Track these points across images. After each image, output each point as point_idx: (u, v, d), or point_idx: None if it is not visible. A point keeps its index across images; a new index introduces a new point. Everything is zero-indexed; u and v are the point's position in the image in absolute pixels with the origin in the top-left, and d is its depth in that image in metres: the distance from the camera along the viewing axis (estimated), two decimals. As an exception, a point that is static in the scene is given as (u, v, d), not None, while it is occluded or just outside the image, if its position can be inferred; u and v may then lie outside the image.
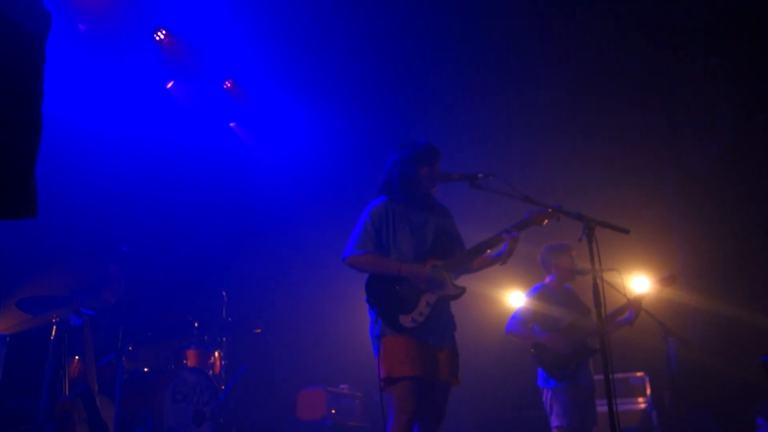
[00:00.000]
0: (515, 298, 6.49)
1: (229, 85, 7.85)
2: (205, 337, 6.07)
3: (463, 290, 3.78)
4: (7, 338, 4.55)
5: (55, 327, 5.00)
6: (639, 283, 5.64)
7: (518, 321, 5.06)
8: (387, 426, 3.59)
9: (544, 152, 7.22)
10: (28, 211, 1.48)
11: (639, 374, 6.68)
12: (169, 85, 7.46)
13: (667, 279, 5.06)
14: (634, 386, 6.61)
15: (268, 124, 8.28)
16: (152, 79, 7.18)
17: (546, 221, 3.83)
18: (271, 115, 8.21)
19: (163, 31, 6.97)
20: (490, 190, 3.72)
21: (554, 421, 4.92)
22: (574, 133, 7.21)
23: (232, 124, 8.29)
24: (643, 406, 6.52)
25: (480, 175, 3.72)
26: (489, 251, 3.89)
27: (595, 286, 3.42)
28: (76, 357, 5.15)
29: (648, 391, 6.56)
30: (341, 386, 6.72)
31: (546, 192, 3.89)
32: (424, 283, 3.68)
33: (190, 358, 5.81)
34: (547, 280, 5.26)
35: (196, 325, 6.04)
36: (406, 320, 3.60)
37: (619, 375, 6.65)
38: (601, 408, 6.00)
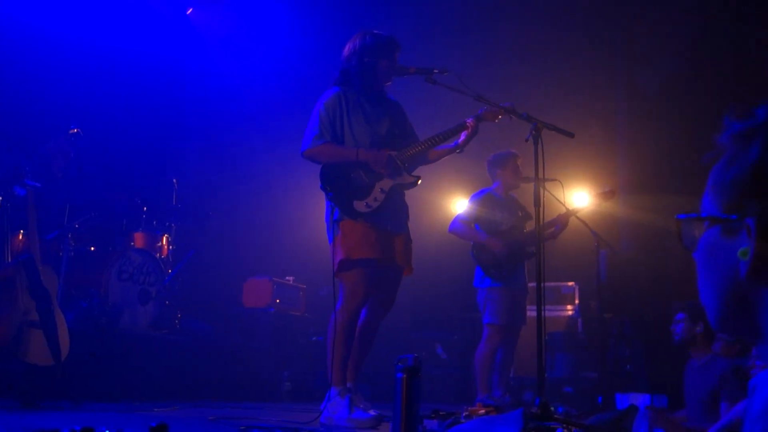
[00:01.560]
0: (460, 205, 6.68)
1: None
2: (154, 222, 6.11)
3: (417, 179, 3.88)
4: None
5: None
6: (579, 197, 5.88)
7: (461, 220, 5.25)
8: (334, 309, 3.68)
9: (499, 57, 7.26)
10: None
11: (570, 284, 7.04)
12: (189, 11, 7.32)
13: (607, 193, 5.27)
14: (564, 295, 6.97)
15: (230, 15, 8.05)
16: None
17: (498, 118, 3.91)
18: (233, 5, 7.97)
19: None
20: (444, 85, 3.79)
21: (486, 318, 5.21)
22: (531, 43, 7.24)
23: (189, 11, 8.04)
24: (570, 313, 6.91)
25: (436, 71, 3.77)
26: (444, 143, 3.96)
27: (536, 191, 3.57)
28: (21, 230, 5.15)
29: (576, 301, 6.94)
30: (287, 278, 6.89)
31: (496, 95, 3.96)
32: (381, 166, 3.74)
33: (138, 240, 5.86)
34: (493, 186, 5.43)
35: (144, 209, 6.06)
36: (360, 205, 3.67)
37: (551, 284, 7.00)
38: (531, 312, 6.38)
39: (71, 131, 5.62)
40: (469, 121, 3.85)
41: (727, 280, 0.86)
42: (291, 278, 6.93)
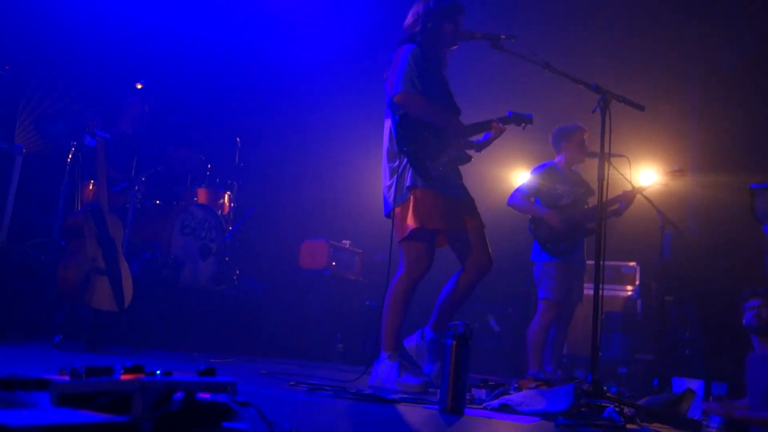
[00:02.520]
0: (521, 178, 6.58)
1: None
2: (217, 180, 6.23)
3: (470, 158, 3.81)
4: (24, 150, 4.68)
5: (72, 149, 5.14)
6: (646, 175, 5.70)
7: (521, 194, 5.16)
8: (396, 275, 3.62)
9: (570, 27, 7.04)
10: None
11: (631, 264, 6.87)
12: None
13: (676, 172, 5.09)
14: (625, 274, 6.82)
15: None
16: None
17: (524, 126, 3.86)
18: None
19: None
20: (510, 52, 3.67)
21: (541, 293, 5.13)
22: (604, 14, 6.99)
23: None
24: (630, 293, 6.76)
25: (503, 36, 3.67)
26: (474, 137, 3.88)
27: (601, 166, 3.45)
28: (91, 180, 5.33)
29: (637, 281, 6.78)
30: (343, 242, 6.95)
31: (564, 66, 3.83)
32: (461, 136, 3.70)
33: (201, 196, 5.99)
34: (556, 159, 5.31)
35: (208, 166, 6.19)
36: (432, 168, 3.59)
37: (612, 262, 6.85)
38: (588, 290, 6.26)
39: (137, 86, 5.77)
40: (495, 123, 3.78)
41: None
42: (347, 242, 6.99)
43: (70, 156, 5.19)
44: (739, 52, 6.71)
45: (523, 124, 3.90)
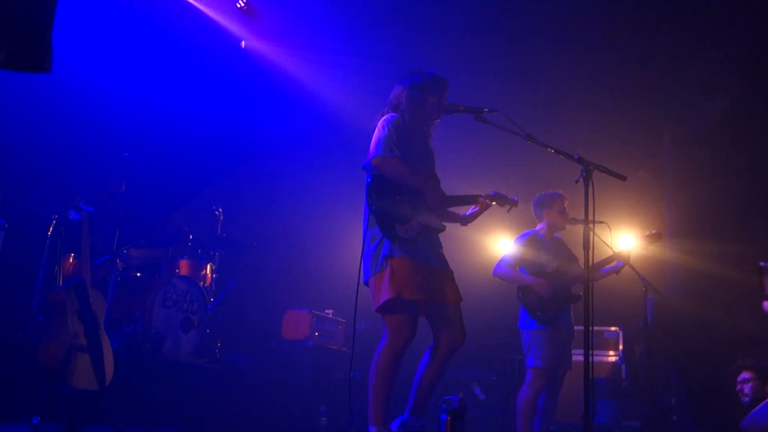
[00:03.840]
0: (503, 245, 6.63)
1: (242, 4, 7.78)
2: (199, 251, 6.20)
3: (444, 228, 3.82)
4: (6, 225, 4.63)
5: (54, 221, 5.10)
6: (625, 240, 5.78)
7: (506, 263, 5.19)
8: (378, 347, 3.58)
9: (550, 99, 7.24)
10: (43, 66, 1.53)
11: (613, 329, 6.90)
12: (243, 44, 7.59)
13: (653, 236, 5.17)
14: (608, 339, 6.83)
15: (283, 48, 8.22)
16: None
17: (509, 208, 3.97)
18: (286, 39, 8.13)
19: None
20: (493, 124, 3.76)
21: (530, 361, 5.10)
22: (580, 86, 7.21)
23: (243, 44, 8.24)
24: (614, 359, 6.75)
25: (485, 110, 3.76)
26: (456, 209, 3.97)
27: (585, 233, 3.51)
28: (72, 254, 5.27)
29: (620, 346, 6.79)
30: (326, 311, 6.89)
31: (546, 137, 3.93)
32: (435, 204, 3.72)
33: (183, 268, 5.94)
34: (538, 227, 5.37)
35: (191, 237, 6.17)
36: (401, 230, 3.58)
37: (595, 328, 6.83)
38: (576, 357, 6.24)
39: (125, 157, 5.80)
40: (482, 198, 3.87)
41: None
42: (330, 311, 6.93)
43: (51, 229, 5.14)
44: (708, 115, 6.92)
45: (508, 207, 3.98)
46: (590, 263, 3.52)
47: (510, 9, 6.75)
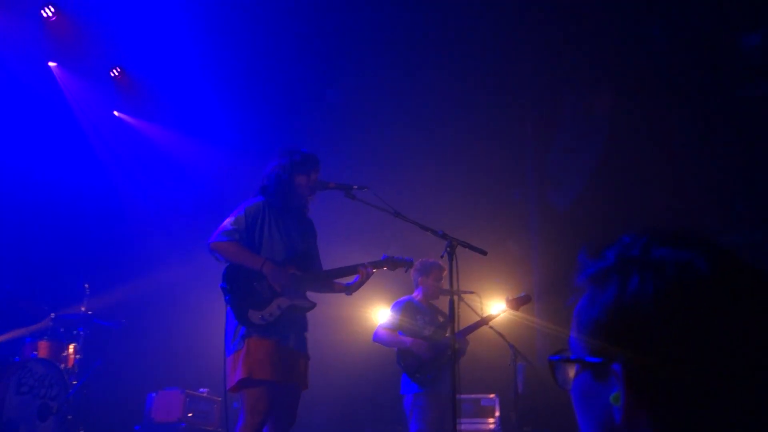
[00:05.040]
0: (382, 315, 6.68)
1: (116, 73, 7.66)
2: (61, 329, 5.83)
3: (313, 305, 3.91)
4: None
5: None
6: (496, 306, 5.98)
7: (385, 328, 5.26)
8: (236, 427, 3.59)
9: (419, 175, 7.52)
10: None
11: (491, 396, 7.01)
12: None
13: (521, 299, 5.36)
14: (485, 407, 6.92)
15: (158, 118, 8.12)
16: (32, 57, 6.90)
17: (400, 268, 4.12)
18: (161, 109, 8.05)
19: (51, 8, 6.70)
20: (363, 201, 3.89)
21: (413, 426, 5.10)
22: (447, 161, 7.57)
23: (115, 113, 8.07)
24: (492, 426, 6.84)
25: (355, 187, 3.89)
26: (341, 279, 4.07)
27: (451, 303, 3.66)
28: None
29: (497, 413, 6.90)
30: (201, 390, 6.61)
31: (415, 213, 4.08)
32: (279, 287, 3.75)
33: (41, 350, 5.55)
34: (414, 293, 5.50)
35: (52, 316, 5.79)
36: (255, 316, 3.64)
37: (472, 395, 6.96)
38: (464, 426, 6.30)
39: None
40: (362, 268, 3.98)
41: (603, 424, 0.82)
42: (205, 390, 6.65)
43: None
44: (571, 193, 7.43)
45: (405, 268, 4.12)
46: (455, 330, 3.68)
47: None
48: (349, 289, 4.05)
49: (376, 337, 5.29)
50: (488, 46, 7.04)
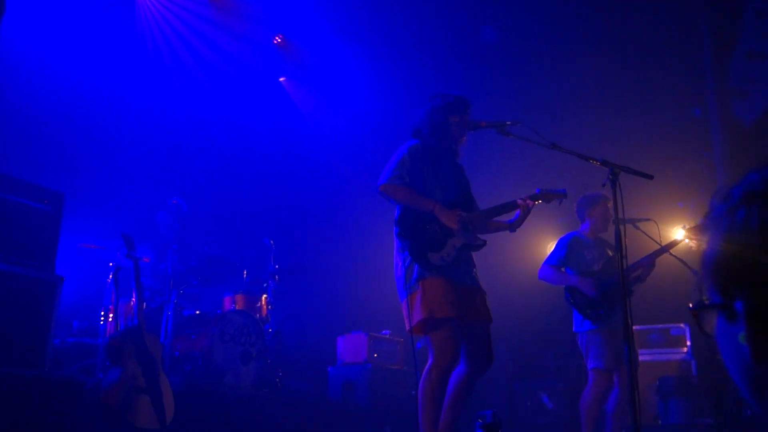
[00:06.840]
0: (549, 250, 6.55)
1: (279, 40, 8.03)
2: (253, 283, 6.35)
3: (484, 243, 3.86)
4: (63, 278, 4.88)
5: (111, 272, 5.34)
6: (677, 233, 5.62)
7: (551, 265, 5.13)
8: (425, 368, 3.60)
9: (580, 102, 7.15)
10: None
11: (681, 325, 6.67)
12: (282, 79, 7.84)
13: (699, 227, 5.01)
14: (675, 336, 6.62)
15: (317, 81, 8.42)
16: (206, 37, 7.42)
17: (554, 200, 3.95)
18: (319, 72, 8.34)
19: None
20: (517, 136, 3.77)
21: (590, 363, 4.99)
22: (618, 82, 7.10)
23: (281, 79, 8.47)
24: (682, 355, 6.53)
25: (508, 123, 3.78)
26: (501, 217, 3.97)
27: (617, 233, 3.47)
28: (129, 299, 5.50)
29: (688, 342, 6.57)
30: (383, 332, 6.93)
31: (574, 142, 3.90)
32: (455, 225, 3.72)
33: (238, 302, 6.10)
34: (581, 228, 5.30)
35: (244, 273, 6.33)
36: (435, 258, 3.63)
37: (660, 325, 6.67)
38: (642, 357, 6.07)
39: (172, 202, 6.03)
40: (520, 201, 3.85)
41: (740, 364, 0.82)
42: (388, 332, 6.97)
43: (111, 276, 5.38)
44: (758, 105, 6.70)
45: (559, 201, 3.97)
46: (624, 265, 3.49)
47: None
48: (513, 226, 3.95)
49: (542, 275, 5.18)
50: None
